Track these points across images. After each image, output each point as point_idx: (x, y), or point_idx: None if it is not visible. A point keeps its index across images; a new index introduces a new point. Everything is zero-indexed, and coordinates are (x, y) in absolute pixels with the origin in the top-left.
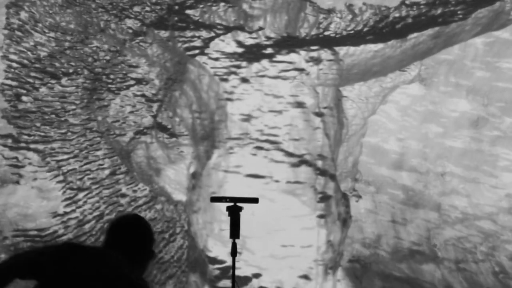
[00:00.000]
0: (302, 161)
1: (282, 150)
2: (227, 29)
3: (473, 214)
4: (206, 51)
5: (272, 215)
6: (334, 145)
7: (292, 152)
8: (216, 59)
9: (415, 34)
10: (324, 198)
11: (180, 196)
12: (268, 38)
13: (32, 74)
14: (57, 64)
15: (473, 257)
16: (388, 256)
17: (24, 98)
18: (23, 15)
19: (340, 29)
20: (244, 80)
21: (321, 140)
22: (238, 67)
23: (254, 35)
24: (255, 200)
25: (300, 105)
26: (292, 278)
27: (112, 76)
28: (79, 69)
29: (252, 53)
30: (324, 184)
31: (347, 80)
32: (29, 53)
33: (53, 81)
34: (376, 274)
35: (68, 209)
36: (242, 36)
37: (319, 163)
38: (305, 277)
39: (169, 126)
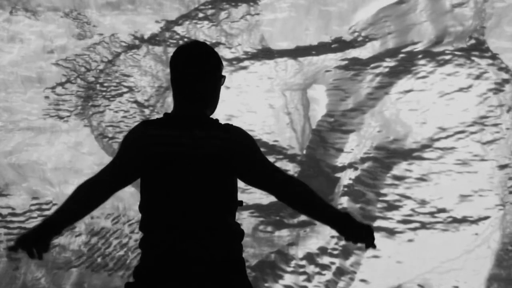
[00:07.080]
0: (273, 150)
1: (257, 141)
2: (212, 45)
3: None
4: None
5: None
6: (301, 137)
7: (265, 141)
8: None
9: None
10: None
11: None
12: (245, 52)
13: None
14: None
15: None
16: None
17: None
18: None
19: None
20: (227, 87)
21: (289, 133)
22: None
23: (233, 50)
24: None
25: (271, 106)
26: None
27: (106, 84)
28: (72, 79)
29: (232, 65)
30: (292, 167)
31: (314, 82)
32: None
33: (47, 90)
34: None
35: None
36: (224, 52)
37: (288, 151)
38: None
39: None
